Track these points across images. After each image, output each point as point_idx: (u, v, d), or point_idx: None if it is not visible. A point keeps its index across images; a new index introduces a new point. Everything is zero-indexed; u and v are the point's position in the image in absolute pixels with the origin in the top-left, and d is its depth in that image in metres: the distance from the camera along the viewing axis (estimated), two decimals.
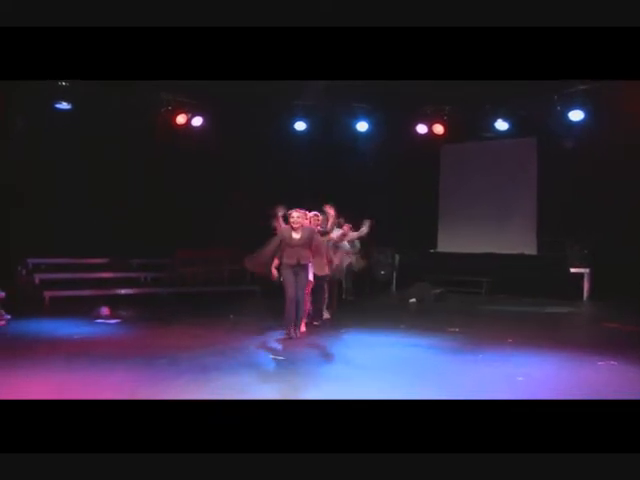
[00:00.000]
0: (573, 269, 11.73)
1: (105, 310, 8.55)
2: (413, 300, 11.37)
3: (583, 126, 10.38)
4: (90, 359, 5.73)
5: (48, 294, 9.91)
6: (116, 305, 9.16)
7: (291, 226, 7.14)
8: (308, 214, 7.63)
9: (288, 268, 7.11)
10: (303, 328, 7.47)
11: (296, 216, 7.14)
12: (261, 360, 6.08)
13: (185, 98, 10.97)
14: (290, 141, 12.21)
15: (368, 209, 9.86)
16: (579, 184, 11.39)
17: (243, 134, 11.80)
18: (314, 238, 7.19)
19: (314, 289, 7.85)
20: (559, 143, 11.34)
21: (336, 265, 8.27)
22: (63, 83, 9.68)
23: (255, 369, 5.61)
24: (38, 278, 10.44)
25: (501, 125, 11.35)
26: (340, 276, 9.53)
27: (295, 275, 7.12)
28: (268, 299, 9.70)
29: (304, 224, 7.24)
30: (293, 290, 7.06)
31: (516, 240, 12.74)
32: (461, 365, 5.84)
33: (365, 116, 11.80)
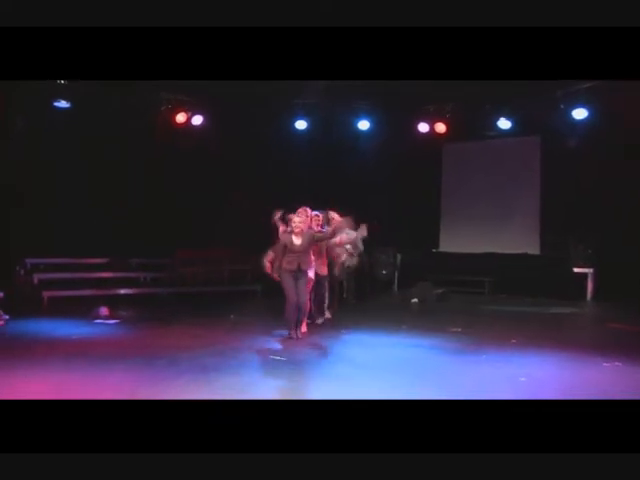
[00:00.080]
0: (577, 269, 11.64)
1: (104, 310, 8.50)
2: (415, 300, 11.32)
3: (587, 124, 10.30)
4: (89, 359, 5.71)
5: (47, 294, 9.86)
6: (116, 305, 9.12)
7: (292, 230, 7.08)
8: (309, 211, 7.58)
9: (288, 273, 7.06)
10: (304, 328, 7.44)
11: (298, 221, 7.08)
12: (261, 360, 6.05)
13: (185, 97, 10.94)
14: (290, 141, 12.16)
15: (369, 209, 9.81)
16: (583, 183, 11.29)
17: (243, 134, 11.77)
18: (314, 241, 7.16)
19: (315, 287, 7.79)
20: (563, 142, 11.25)
21: (339, 265, 8.22)
22: (62, 82, 9.64)
23: (255, 369, 5.60)
24: (37, 278, 10.39)
25: (504, 124, 11.28)
26: (341, 276, 9.47)
27: (295, 280, 7.06)
28: (268, 299, 9.66)
29: (305, 229, 7.18)
30: (294, 295, 7.01)
31: (519, 240, 12.64)
32: (463, 365, 5.80)
33: (366, 115, 11.74)
